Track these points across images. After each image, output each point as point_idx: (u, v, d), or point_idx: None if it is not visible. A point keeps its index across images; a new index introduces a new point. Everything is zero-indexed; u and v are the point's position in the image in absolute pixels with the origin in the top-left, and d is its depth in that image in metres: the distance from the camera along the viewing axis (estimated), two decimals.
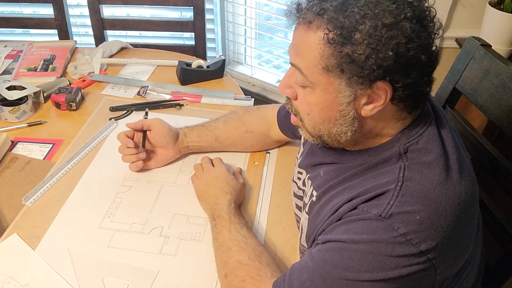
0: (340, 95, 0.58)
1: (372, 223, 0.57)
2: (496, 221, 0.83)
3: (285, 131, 0.97)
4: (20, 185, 0.94)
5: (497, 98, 0.85)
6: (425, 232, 0.55)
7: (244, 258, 0.71)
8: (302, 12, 0.57)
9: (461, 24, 1.53)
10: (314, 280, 0.60)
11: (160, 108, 1.21)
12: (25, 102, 1.14)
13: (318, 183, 0.73)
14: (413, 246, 0.55)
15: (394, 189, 0.57)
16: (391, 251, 0.55)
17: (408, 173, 0.58)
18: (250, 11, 1.84)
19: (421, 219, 0.55)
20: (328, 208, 0.66)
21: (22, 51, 1.45)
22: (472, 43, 0.92)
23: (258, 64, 2.00)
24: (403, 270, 0.55)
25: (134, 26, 1.66)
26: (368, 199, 0.59)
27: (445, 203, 0.56)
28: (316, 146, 0.74)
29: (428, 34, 0.55)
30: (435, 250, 0.55)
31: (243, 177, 0.95)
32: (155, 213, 0.88)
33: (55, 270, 0.76)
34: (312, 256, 0.63)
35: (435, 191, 0.56)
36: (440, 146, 0.60)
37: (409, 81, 0.56)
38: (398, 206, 0.56)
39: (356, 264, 0.57)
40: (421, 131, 0.62)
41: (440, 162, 0.59)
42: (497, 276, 0.84)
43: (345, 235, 0.59)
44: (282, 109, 0.96)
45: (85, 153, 1.03)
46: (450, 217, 0.56)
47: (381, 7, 0.52)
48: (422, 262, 0.55)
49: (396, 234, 0.55)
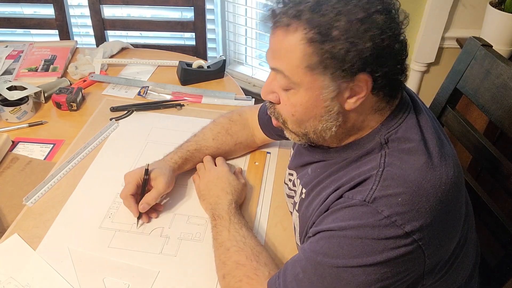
0: (324, 91, 0.60)
1: (358, 208, 0.59)
2: (497, 222, 0.83)
3: (270, 133, 0.97)
4: (21, 185, 0.94)
5: (498, 99, 0.85)
6: (408, 213, 0.56)
7: (242, 259, 0.72)
8: (278, 17, 0.59)
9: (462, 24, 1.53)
10: (307, 272, 0.61)
11: (160, 108, 1.21)
12: (26, 103, 1.14)
13: (306, 180, 0.74)
14: (398, 227, 0.56)
15: (376, 175, 0.60)
16: (378, 234, 0.57)
17: (389, 159, 0.61)
18: (251, 11, 1.84)
19: (402, 200, 0.57)
20: (316, 202, 0.68)
21: (23, 51, 1.45)
22: (473, 44, 0.92)
23: (258, 64, 2.00)
24: (390, 253, 0.56)
25: (134, 26, 1.67)
26: (353, 187, 0.62)
27: (426, 185, 0.58)
28: (302, 146, 0.76)
29: (397, 24, 0.59)
30: (420, 231, 0.57)
31: (243, 177, 0.95)
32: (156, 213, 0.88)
33: (56, 270, 0.76)
34: (304, 249, 0.64)
35: (415, 174, 0.58)
36: (419, 133, 0.63)
37: (386, 69, 0.59)
38: (380, 190, 0.58)
39: (345, 251, 0.58)
40: (400, 121, 0.64)
41: (419, 148, 0.61)
42: (497, 276, 0.84)
43: (333, 223, 0.61)
44: (263, 112, 0.96)
45: (85, 153, 1.03)
46: (432, 199, 0.58)
47: (352, 3, 0.56)
48: (409, 244, 0.57)
49: (380, 217, 0.57)
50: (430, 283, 0.65)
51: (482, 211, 0.86)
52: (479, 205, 0.86)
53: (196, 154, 0.96)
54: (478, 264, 0.80)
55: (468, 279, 0.75)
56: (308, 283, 0.61)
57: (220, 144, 0.97)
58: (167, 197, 0.92)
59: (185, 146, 0.96)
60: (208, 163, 0.94)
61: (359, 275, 0.58)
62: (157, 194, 0.85)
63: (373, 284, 0.58)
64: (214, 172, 0.91)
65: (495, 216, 0.83)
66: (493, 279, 0.85)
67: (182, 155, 0.93)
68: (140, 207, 0.83)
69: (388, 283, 0.58)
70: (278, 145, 1.08)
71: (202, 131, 0.99)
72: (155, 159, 0.92)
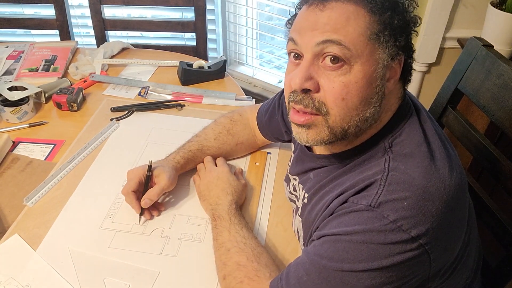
0: (379, 67, 0.59)
1: (363, 213, 0.58)
2: (498, 223, 0.83)
3: (268, 136, 0.98)
4: (21, 186, 0.94)
5: (499, 99, 0.84)
6: (414, 217, 0.56)
7: (243, 260, 0.71)
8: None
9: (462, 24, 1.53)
10: (311, 275, 0.61)
11: (161, 109, 1.21)
12: (27, 103, 1.14)
13: (309, 185, 0.74)
14: (404, 232, 0.55)
15: (380, 179, 0.59)
16: (383, 239, 0.56)
17: (393, 163, 0.60)
18: (252, 12, 1.84)
19: (408, 205, 0.56)
20: (319, 206, 0.68)
21: (24, 51, 1.45)
22: (474, 44, 0.92)
23: (259, 65, 2.00)
24: (396, 258, 0.56)
25: (135, 26, 1.67)
26: (357, 192, 0.61)
27: (431, 188, 0.57)
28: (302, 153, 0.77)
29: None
30: (426, 235, 0.56)
31: (244, 177, 0.95)
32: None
33: (56, 271, 0.76)
34: (308, 252, 0.63)
35: (419, 178, 0.58)
36: (422, 136, 0.62)
37: (411, 53, 0.62)
38: (385, 194, 0.57)
39: (350, 255, 0.58)
40: (403, 124, 0.64)
41: (423, 151, 0.61)
42: (498, 278, 0.84)
43: (338, 228, 0.60)
44: (262, 114, 0.96)
45: (86, 153, 1.03)
46: (437, 202, 0.57)
47: None
48: (415, 249, 0.56)
49: (386, 222, 0.56)
50: (434, 286, 0.64)
51: (483, 212, 0.86)
52: (480, 205, 0.86)
53: (198, 154, 0.96)
54: (480, 264, 0.80)
55: (471, 280, 0.75)
56: (312, 286, 0.60)
57: (222, 144, 0.97)
58: (170, 195, 0.92)
59: (187, 146, 0.96)
60: (209, 163, 0.94)
61: (365, 279, 0.57)
62: (159, 190, 0.85)
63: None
64: (215, 172, 0.91)
65: (496, 217, 0.83)
66: (494, 280, 0.85)
67: (184, 155, 0.94)
68: (142, 202, 0.83)
69: (393, 287, 0.58)
70: (279, 146, 1.08)
71: (204, 131, 0.99)
72: (156, 159, 0.92)
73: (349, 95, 0.59)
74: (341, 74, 0.58)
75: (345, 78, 0.58)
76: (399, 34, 0.59)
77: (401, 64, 0.62)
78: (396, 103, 0.65)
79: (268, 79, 1.95)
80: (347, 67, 0.58)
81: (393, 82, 0.62)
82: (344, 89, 0.59)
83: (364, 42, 0.58)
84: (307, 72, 0.60)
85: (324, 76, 0.59)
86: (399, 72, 0.62)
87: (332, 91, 0.59)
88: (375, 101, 0.61)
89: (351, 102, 0.59)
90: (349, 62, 0.58)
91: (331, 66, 0.58)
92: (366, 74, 0.59)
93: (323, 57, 0.59)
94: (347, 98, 0.59)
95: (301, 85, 0.59)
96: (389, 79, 0.61)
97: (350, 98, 0.59)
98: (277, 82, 1.92)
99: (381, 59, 0.59)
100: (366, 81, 0.59)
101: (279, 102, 0.91)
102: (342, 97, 0.59)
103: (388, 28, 0.58)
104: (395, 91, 0.65)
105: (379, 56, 0.59)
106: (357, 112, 0.60)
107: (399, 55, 0.60)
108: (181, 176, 0.96)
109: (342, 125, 0.61)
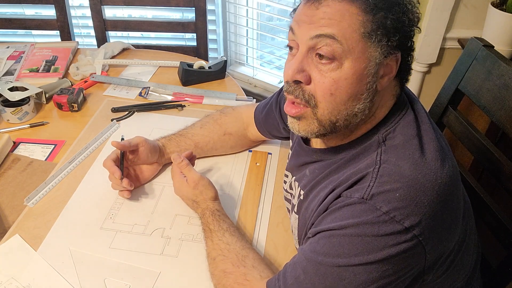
0: (370, 64, 0.60)
1: (356, 206, 0.59)
2: (499, 223, 0.83)
3: (263, 131, 0.99)
4: (22, 186, 0.94)
5: (500, 99, 0.84)
6: (406, 208, 0.56)
7: (228, 266, 0.71)
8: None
9: (463, 25, 1.53)
10: (308, 273, 0.61)
11: (161, 109, 1.21)
12: (27, 103, 1.14)
13: (305, 182, 0.74)
14: (397, 223, 0.56)
15: (372, 172, 0.60)
16: (377, 231, 0.56)
17: (385, 156, 0.61)
18: (252, 12, 1.84)
19: (400, 196, 0.57)
20: (315, 203, 0.68)
21: (24, 52, 1.45)
22: (475, 44, 0.92)
23: (259, 65, 2.00)
24: (391, 250, 0.56)
25: (136, 27, 1.67)
26: (351, 185, 0.62)
27: (422, 179, 0.58)
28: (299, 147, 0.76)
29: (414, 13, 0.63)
30: (419, 226, 0.56)
31: (244, 178, 0.95)
32: (157, 214, 0.88)
33: (57, 271, 0.76)
34: (304, 250, 0.64)
35: (410, 169, 0.59)
36: (415, 131, 0.63)
37: (409, 52, 0.62)
38: (377, 186, 0.58)
39: (345, 250, 0.58)
40: (398, 119, 0.65)
41: (414, 143, 0.61)
42: (500, 278, 0.84)
43: (333, 223, 0.61)
44: (260, 109, 0.97)
45: (87, 154, 1.03)
46: (429, 193, 0.58)
47: None
48: (409, 240, 0.56)
49: (379, 214, 0.56)
50: (430, 279, 0.65)
51: (484, 212, 0.86)
52: (481, 206, 0.86)
53: (181, 138, 0.99)
54: (479, 263, 0.80)
55: (470, 279, 0.75)
56: (309, 285, 0.61)
57: (208, 132, 0.99)
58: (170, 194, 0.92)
59: (169, 134, 1.00)
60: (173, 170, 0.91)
61: (361, 273, 0.58)
62: (127, 142, 0.90)
63: (375, 282, 0.58)
64: (176, 189, 0.90)
65: (497, 217, 0.83)
66: (495, 280, 0.85)
67: (167, 137, 0.99)
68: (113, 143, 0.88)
69: (389, 281, 0.58)
70: (279, 146, 1.08)
71: (193, 123, 1.03)
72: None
73: (338, 91, 0.61)
74: (332, 69, 0.60)
75: (336, 74, 0.60)
76: (393, 34, 0.59)
77: (397, 62, 0.62)
78: (391, 99, 0.66)
79: (269, 80, 1.95)
80: (338, 63, 0.60)
81: (387, 79, 0.62)
82: (334, 85, 0.60)
83: (356, 39, 0.59)
84: (300, 65, 0.62)
85: (316, 70, 0.61)
86: (395, 69, 0.62)
87: (322, 86, 0.61)
88: (365, 97, 0.62)
89: (339, 98, 0.61)
90: (340, 59, 0.59)
91: (327, 56, 0.60)
92: (356, 71, 0.60)
93: (315, 53, 0.61)
94: (336, 93, 0.61)
95: (292, 76, 0.62)
96: (383, 76, 0.62)
97: (338, 93, 0.61)
98: (277, 83, 1.92)
99: (373, 57, 0.60)
100: (356, 78, 0.60)
101: (278, 99, 0.92)
102: (331, 92, 0.61)
103: (381, 28, 0.58)
104: (390, 88, 0.65)
105: (371, 54, 0.59)
106: (346, 107, 0.62)
107: (393, 53, 0.60)
108: None
109: (330, 118, 0.63)
